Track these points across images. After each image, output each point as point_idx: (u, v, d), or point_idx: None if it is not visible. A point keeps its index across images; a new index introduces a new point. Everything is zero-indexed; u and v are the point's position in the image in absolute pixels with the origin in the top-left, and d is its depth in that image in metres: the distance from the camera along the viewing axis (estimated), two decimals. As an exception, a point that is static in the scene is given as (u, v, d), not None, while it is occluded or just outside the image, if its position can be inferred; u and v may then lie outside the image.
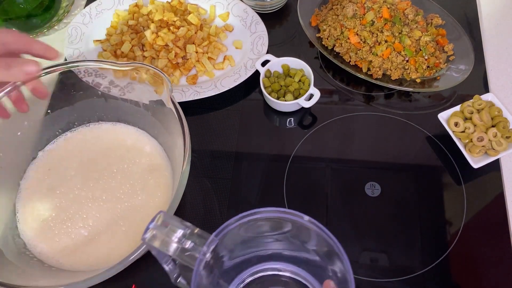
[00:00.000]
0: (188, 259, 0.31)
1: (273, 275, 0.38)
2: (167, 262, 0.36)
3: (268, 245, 0.36)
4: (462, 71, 0.67)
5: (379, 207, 0.60)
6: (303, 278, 0.38)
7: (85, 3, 0.83)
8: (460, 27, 0.71)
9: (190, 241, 0.31)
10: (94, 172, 0.59)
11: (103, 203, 0.57)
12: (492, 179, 0.61)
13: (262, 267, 0.38)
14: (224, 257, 0.34)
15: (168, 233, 0.31)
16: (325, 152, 0.65)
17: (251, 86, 0.71)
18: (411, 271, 0.55)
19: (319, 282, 0.36)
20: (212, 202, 0.61)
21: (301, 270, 0.37)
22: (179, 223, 0.32)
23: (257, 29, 0.74)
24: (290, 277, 0.38)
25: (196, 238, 0.31)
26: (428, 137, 0.66)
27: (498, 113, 0.61)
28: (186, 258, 0.31)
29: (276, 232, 0.34)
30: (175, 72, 0.71)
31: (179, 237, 0.31)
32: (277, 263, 0.38)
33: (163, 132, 0.59)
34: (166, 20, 0.73)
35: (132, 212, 0.56)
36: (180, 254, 0.31)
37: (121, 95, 0.59)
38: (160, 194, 0.57)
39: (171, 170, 0.59)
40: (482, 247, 0.57)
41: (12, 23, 0.75)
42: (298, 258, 0.36)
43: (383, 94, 0.70)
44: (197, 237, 0.31)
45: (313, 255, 0.34)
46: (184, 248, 0.31)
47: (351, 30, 0.70)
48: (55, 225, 0.55)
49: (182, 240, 0.31)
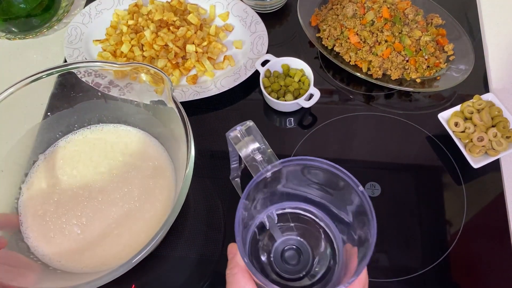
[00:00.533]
0: (253, 168, 0.37)
1: (310, 218, 0.43)
2: (235, 161, 0.43)
3: (316, 191, 0.41)
4: (462, 71, 0.67)
5: (379, 207, 0.60)
6: (331, 231, 0.42)
7: (84, 3, 0.83)
8: (460, 27, 0.71)
9: (261, 156, 0.37)
10: (96, 174, 0.59)
11: (101, 205, 0.56)
12: (492, 179, 0.61)
13: (303, 206, 0.43)
14: (278, 184, 0.40)
15: (248, 141, 0.37)
16: (325, 152, 0.65)
17: (251, 86, 0.71)
18: (411, 271, 0.55)
19: (342, 240, 0.40)
20: (213, 202, 0.61)
21: (332, 223, 0.41)
22: (260, 138, 0.38)
23: (257, 29, 0.74)
24: (322, 226, 0.42)
25: (266, 156, 0.37)
26: (428, 137, 0.66)
27: (498, 113, 0.61)
28: (252, 166, 0.37)
29: (328, 185, 0.39)
30: (175, 72, 0.71)
31: (255, 148, 0.37)
32: (317, 209, 0.42)
33: (165, 132, 0.59)
34: (166, 20, 0.73)
35: (130, 216, 0.56)
36: (249, 161, 0.37)
37: (121, 95, 0.59)
38: (162, 197, 0.57)
39: (174, 171, 0.59)
40: (482, 247, 0.57)
41: (12, 23, 0.75)
42: (335, 214, 0.41)
43: (383, 94, 0.70)
44: (268, 155, 0.37)
45: (348, 217, 0.39)
46: (254, 158, 0.37)
47: (351, 30, 0.70)
48: (51, 220, 0.55)
49: (255, 151, 0.37)
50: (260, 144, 0.38)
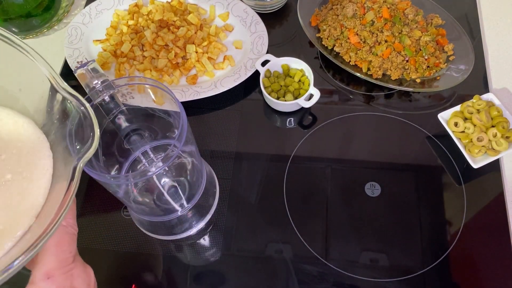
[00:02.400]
0: (93, 96, 0.43)
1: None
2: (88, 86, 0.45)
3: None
4: (462, 71, 0.67)
5: (379, 207, 0.60)
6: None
7: (85, 3, 0.83)
8: (460, 27, 0.71)
9: (102, 85, 0.43)
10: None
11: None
12: (492, 179, 0.61)
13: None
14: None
15: (93, 77, 0.43)
16: (325, 152, 0.65)
17: (251, 86, 0.71)
18: (411, 271, 0.55)
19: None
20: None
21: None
22: (103, 75, 0.43)
23: (257, 29, 0.74)
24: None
25: (105, 88, 0.44)
26: (428, 137, 0.66)
27: (498, 113, 0.61)
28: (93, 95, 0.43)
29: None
30: (175, 72, 0.71)
31: (97, 82, 0.43)
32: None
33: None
34: (166, 20, 0.73)
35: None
36: (91, 90, 0.43)
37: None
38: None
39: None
40: (482, 247, 0.57)
41: (12, 23, 0.75)
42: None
43: (383, 94, 0.70)
44: (108, 84, 0.44)
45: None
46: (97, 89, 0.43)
47: (351, 30, 0.70)
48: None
49: (97, 84, 0.43)
50: (102, 79, 0.43)
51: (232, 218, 0.60)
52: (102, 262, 0.58)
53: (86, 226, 0.61)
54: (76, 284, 0.32)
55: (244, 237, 0.59)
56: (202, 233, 0.59)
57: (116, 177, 0.50)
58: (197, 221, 0.59)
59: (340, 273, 0.56)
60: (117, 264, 0.58)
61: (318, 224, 0.59)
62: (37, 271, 0.30)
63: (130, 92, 0.54)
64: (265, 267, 0.57)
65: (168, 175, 0.55)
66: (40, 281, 0.30)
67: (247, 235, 0.59)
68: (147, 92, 0.51)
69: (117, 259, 0.59)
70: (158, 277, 0.57)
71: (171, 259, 0.58)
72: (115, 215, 0.62)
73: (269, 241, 0.58)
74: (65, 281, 0.31)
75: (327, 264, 0.56)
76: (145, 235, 0.59)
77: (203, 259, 0.58)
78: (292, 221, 0.59)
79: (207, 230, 0.60)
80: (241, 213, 0.61)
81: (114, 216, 0.62)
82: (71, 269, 0.32)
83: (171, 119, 0.53)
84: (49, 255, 0.31)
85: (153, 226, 0.59)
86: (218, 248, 0.58)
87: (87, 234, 0.60)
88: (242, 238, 0.59)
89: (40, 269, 0.31)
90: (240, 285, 0.56)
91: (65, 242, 0.32)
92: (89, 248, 0.59)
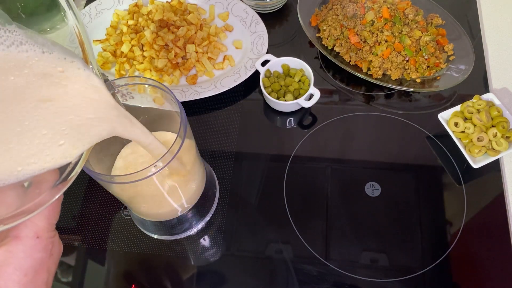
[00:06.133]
0: None
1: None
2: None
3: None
4: (462, 71, 0.67)
5: (379, 207, 0.60)
6: None
7: (85, 3, 0.83)
8: (460, 27, 0.71)
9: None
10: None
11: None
12: (492, 179, 0.61)
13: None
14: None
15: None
16: (325, 152, 0.65)
17: (251, 86, 0.71)
18: (411, 271, 0.55)
19: None
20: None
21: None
22: (103, 75, 0.41)
23: (257, 29, 0.74)
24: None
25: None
26: (428, 137, 0.66)
27: (498, 113, 0.61)
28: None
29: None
30: (175, 72, 0.71)
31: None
32: None
33: None
34: (166, 20, 0.73)
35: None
36: None
37: None
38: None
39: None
40: (482, 247, 0.57)
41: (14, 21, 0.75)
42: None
43: (383, 94, 0.70)
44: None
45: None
46: None
47: (351, 30, 0.70)
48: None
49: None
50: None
51: (232, 218, 0.60)
52: (102, 262, 0.58)
53: (86, 226, 0.61)
54: (53, 251, 0.33)
55: (244, 237, 0.59)
56: (202, 233, 0.59)
57: (116, 177, 0.50)
58: (197, 221, 0.59)
59: (340, 273, 0.56)
60: (117, 264, 0.58)
61: (318, 224, 0.59)
62: (26, 228, 0.30)
63: (130, 92, 0.54)
64: (265, 267, 0.57)
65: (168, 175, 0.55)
66: (29, 238, 0.30)
67: (247, 235, 0.59)
68: (147, 92, 0.51)
69: (117, 259, 0.59)
70: (158, 277, 0.57)
71: (171, 259, 0.58)
72: (115, 215, 0.62)
73: (269, 241, 0.58)
74: (49, 245, 0.32)
75: (327, 264, 0.56)
76: (145, 235, 0.59)
77: (203, 259, 0.58)
78: (292, 221, 0.59)
79: (207, 230, 0.60)
80: (241, 213, 0.61)
81: (114, 216, 0.62)
82: (54, 235, 0.33)
83: (171, 119, 0.53)
84: (42, 216, 0.31)
85: (153, 226, 0.59)
86: (218, 248, 0.58)
87: (87, 234, 0.60)
88: (242, 238, 0.59)
89: (29, 226, 0.30)
90: (240, 285, 0.56)
91: (57, 208, 0.33)
92: (89, 248, 0.59)
